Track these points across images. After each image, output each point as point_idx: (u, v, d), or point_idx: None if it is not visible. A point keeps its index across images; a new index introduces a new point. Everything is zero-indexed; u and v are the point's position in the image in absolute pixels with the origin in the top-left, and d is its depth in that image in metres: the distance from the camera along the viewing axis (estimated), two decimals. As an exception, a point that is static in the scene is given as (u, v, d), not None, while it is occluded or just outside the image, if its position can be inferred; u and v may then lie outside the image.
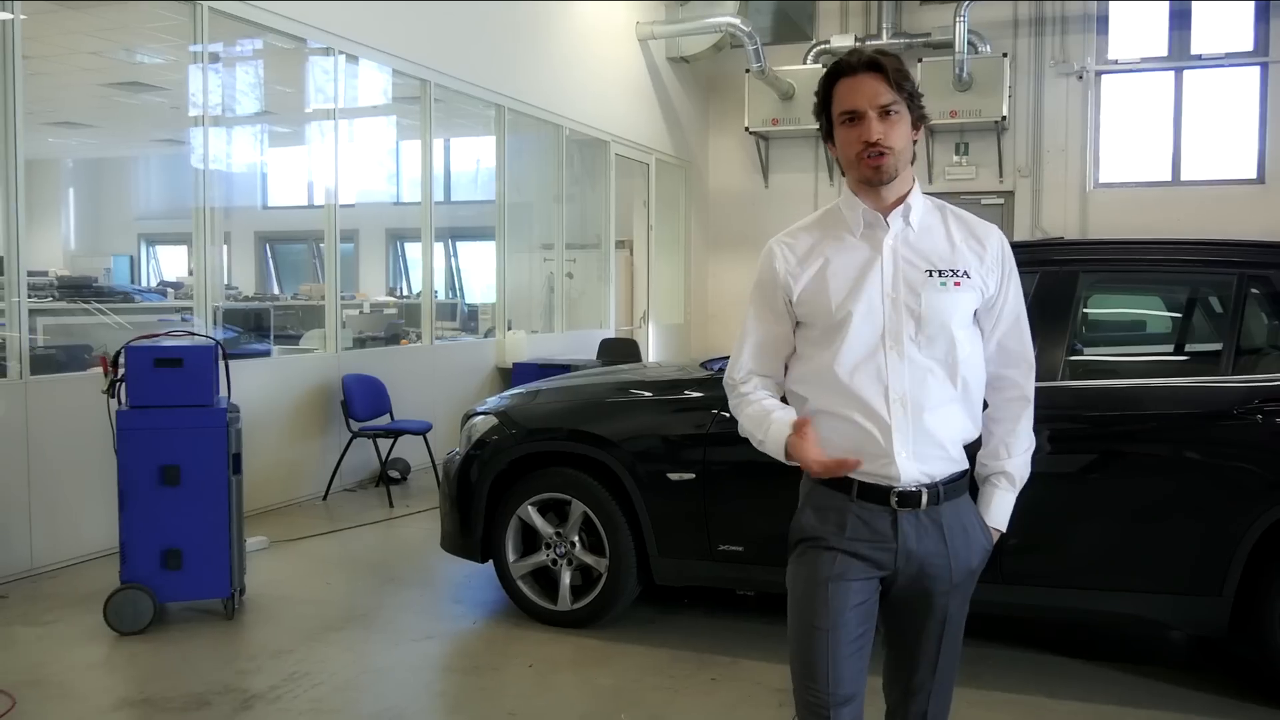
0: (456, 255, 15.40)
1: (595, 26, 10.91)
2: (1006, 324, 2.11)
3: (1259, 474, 3.47)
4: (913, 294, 2.01)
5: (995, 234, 2.11)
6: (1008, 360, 2.13)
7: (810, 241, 2.10)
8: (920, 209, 2.06)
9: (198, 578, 4.34)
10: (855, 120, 1.98)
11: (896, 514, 2.00)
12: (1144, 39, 12.35)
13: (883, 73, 1.96)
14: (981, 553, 2.09)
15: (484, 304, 10.37)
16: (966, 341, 2.04)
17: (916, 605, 2.06)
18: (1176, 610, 3.58)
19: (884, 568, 2.03)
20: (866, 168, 1.99)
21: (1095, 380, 3.90)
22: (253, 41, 7.77)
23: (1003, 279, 2.09)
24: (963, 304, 2.03)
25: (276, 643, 4.18)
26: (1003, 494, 2.14)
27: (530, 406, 4.64)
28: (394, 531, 6.19)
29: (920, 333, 2.00)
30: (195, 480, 4.29)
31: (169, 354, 4.32)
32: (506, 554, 4.40)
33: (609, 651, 4.06)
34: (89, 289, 10.23)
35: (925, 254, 2.04)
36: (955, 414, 2.04)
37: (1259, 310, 3.75)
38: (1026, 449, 2.16)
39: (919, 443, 2.00)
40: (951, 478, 2.04)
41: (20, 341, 5.09)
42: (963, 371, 2.03)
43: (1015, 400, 2.14)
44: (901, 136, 1.99)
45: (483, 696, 3.68)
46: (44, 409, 5.13)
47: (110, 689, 3.71)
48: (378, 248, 16.73)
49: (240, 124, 11.77)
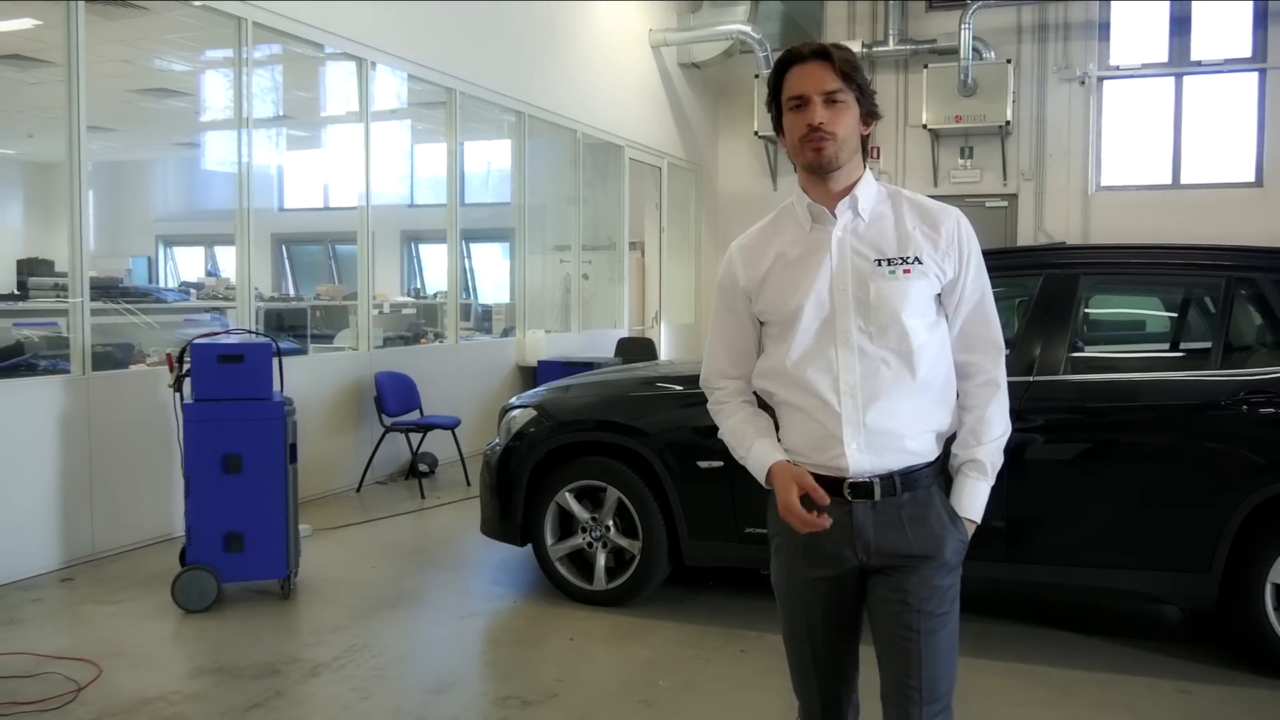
0: (470, 256, 15.71)
1: (609, 34, 11.23)
2: (968, 307, 2.09)
3: (1245, 460, 3.78)
4: (861, 284, 2.01)
5: (951, 217, 2.08)
6: (972, 345, 2.11)
7: (765, 241, 2.13)
8: (870, 198, 2.06)
9: (257, 560, 4.65)
10: (801, 106, 2.00)
11: (851, 505, 2.02)
12: (1145, 45, 12.59)
13: (829, 61, 1.99)
14: (955, 544, 2.05)
15: (497, 304, 10.67)
16: (922, 330, 2.02)
17: (893, 603, 2.04)
18: (1169, 585, 3.89)
19: (847, 561, 2.05)
20: (809, 151, 2.00)
21: (1095, 374, 4.21)
22: (272, 48, 8.05)
23: (961, 262, 2.06)
24: (914, 291, 2.01)
25: (333, 620, 4.49)
26: (974, 483, 2.08)
27: (566, 400, 4.95)
28: (428, 521, 6.50)
29: (870, 323, 2.00)
30: (255, 468, 4.61)
31: (231, 351, 4.64)
32: (545, 538, 4.72)
33: (643, 627, 4.37)
34: (116, 289, 10.55)
35: (874, 243, 2.04)
36: (911, 405, 2.02)
37: (1246, 310, 4.06)
38: (999, 435, 2.11)
39: (870, 434, 2.00)
40: (909, 469, 2.03)
41: (83, 340, 5.40)
42: (919, 361, 2.01)
43: (984, 386, 2.11)
44: (846, 124, 2.00)
45: (529, 666, 3.99)
46: (104, 403, 5.44)
47: (186, 659, 4.02)
48: (393, 249, 17.03)
49: (260, 128, 12.07)
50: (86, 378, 5.38)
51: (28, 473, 5.07)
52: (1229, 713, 3.55)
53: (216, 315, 10.41)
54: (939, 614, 2.02)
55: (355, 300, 7.86)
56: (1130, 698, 3.65)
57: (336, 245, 17.19)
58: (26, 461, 5.05)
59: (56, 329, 7.78)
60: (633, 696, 3.66)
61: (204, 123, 13.49)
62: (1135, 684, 3.77)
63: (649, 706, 3.58)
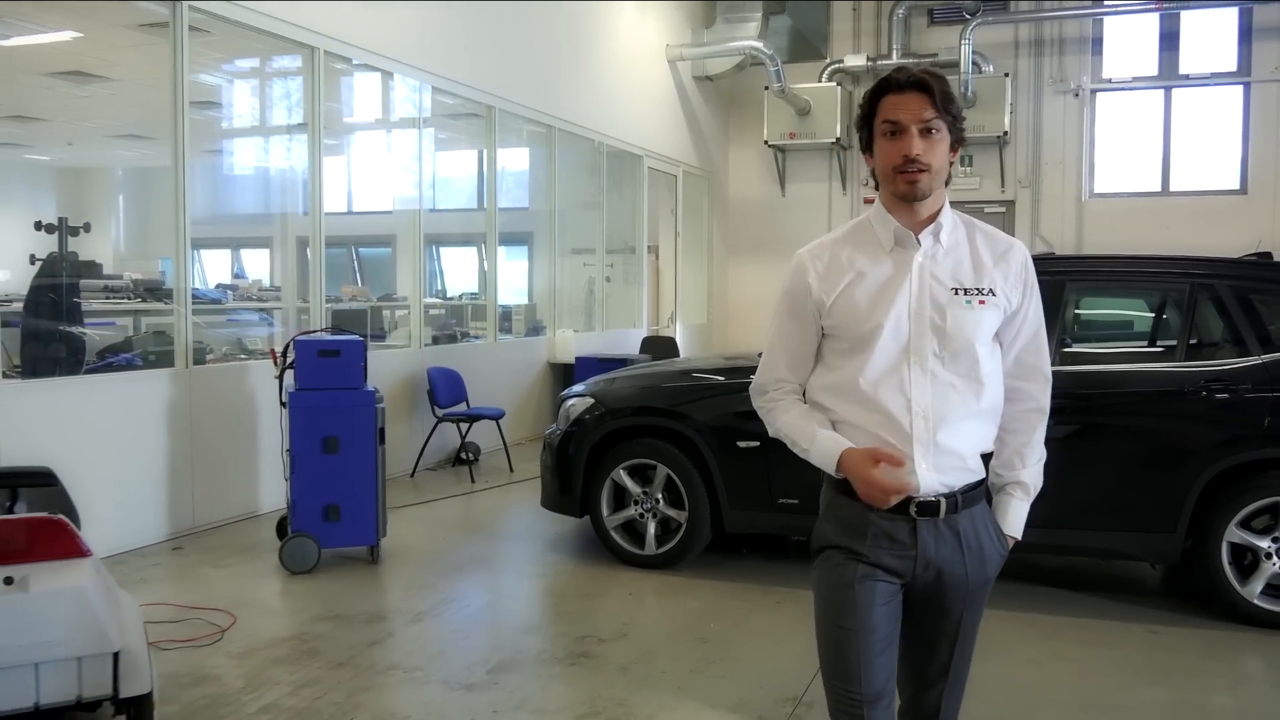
0: (487, 259, 16.37)
1: (630, 51, 11.92)
2: (1026, 338, 2.16)
3: (1204, 438, 4.48)
4: (938, 311, 2.06)
5: (1019, 250, 2.16)
6: (1025, 373, 2.18)
7: (841, 255, 2.14)
8: (949, 227, 2.11)
9: (351, 528, 5.33)
10: (897, 134, 2.02)
11: (916, 523, 2.07)
12: (1136, 59, 13.27)
13: (928, 93, 2.01)
14: (997, 561, 2.16)
15: (516, 305, 11.32)
16: (988, 358, 2.09)
17: (934, 610, 2.13)
18: (1142, 544, 4.60)
19: (904, 575, 2.09)
20: (903, 182, 2.03)
21: (1081, 366, 4.91)
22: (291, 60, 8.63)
23: (1025, 294, 2.13)
24: (986, 321, 2.08)
25: (421, 579, 5.18)
26: (1018, 503, 2.19)
27: (616, 391, 5.64)
28: (480, 501, 7.19)
29: (944, 349, 2.06)
30: (350, 449, 5.29)
31: (329, 346, 5.33)
32: (602, 510, 5.41)
33: (689, 584, 5.06)
34: (160, 290, 11.24)
35: (952, 272, 2.09)
36: (974, 427, 2.10)
37: (1208, 311, 4.75)
38: (1039, 459, 2.22)
39: (939, 454, 2.05)
40: (968, 487, 2.11)
41: (186, 338, 6.09)
42: (984, 387, 2.09)
43: (1031, 412, 2.19)
44: (940, 156, 2.04)
45: (597, 613, 4.68)
46: (202, 394, 6.13)
47: (304, 609, 4.70)
48: (414, 252, 17.65)
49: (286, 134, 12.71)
50: (189, 371, 6.07)
51: (141, 454, 5.75)
52: (1189, 646, 4.25)
53: (266, 316, 11.09)
54: (974, 624, 2.18)
55: (377, 301, 8.43)
56: (1106, 636, 4.35)
57: (359, 248, 17.82)
58: (139, 444, 5.73)
59: (114, 328, 8.46)
60: (689, 636, 4.36)
61: (225, 131, 14.04)
62: (1111, 626, 4.47)
63: (704, 643, 4.27)
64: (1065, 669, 4.01)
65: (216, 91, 12.12)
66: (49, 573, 2.90)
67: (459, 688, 3.78)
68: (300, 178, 13.14)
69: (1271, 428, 4.37)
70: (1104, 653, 4.18)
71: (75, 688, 2.88)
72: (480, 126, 9.54)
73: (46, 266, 6.04)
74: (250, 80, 11.19)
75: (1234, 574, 4.45)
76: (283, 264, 12.74)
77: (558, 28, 10.24)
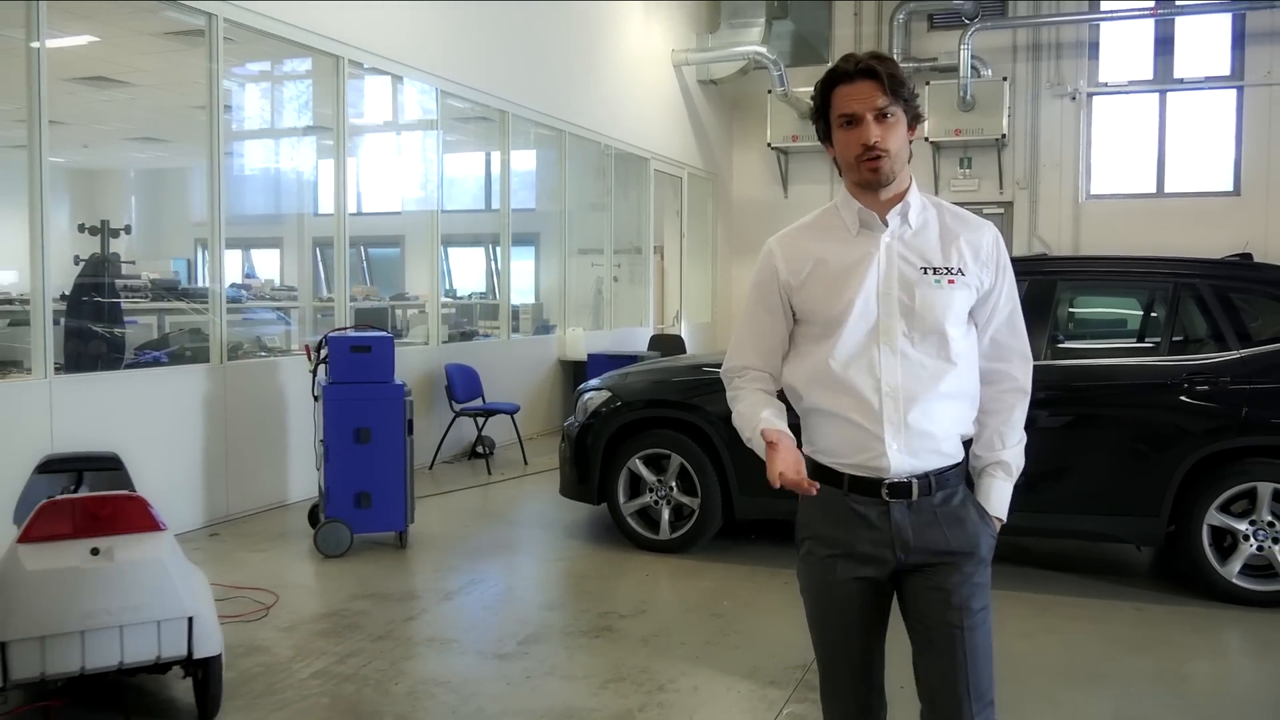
0: (497, 259, 16.66)
1: (637, 56, 12.22)
2: (1000, 318, 2.16)
3: (1185, 428, 4.78)
4: (907, 291, 2.06)
5: (989, 231, 2.15)
6: (1001, 353, 2.18)
7: (808, 240, 2.17)
8: (917, 207, 2.11)
9: (382, 514, 5.63)
10: (853, 124, 2.03)
11: (889, 505, 2.07)
12: (1131, 63, 13.54)
13: (877, 79, 2.01)
14: (987, 541, 2.14)
15: (523, 304, 11.60)
16: (960, 338, 2.09)
17: (934, 599, 2.11)
18: (1128, 527, 4.89)
19: (885, 561, 2.09)
20: (865, 170, 2.04)
21: (1071, 360, 5.20)
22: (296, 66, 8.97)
23: (997, 274, 2.13)
24: (956, 301, 2.08)
25: (449, 562, 5.48)
26: (1000, 483, 2.19)
27: (631, 385, 5.93)
28: (498, 492, 7.49)
29: (913, 329, 2.06)
30: (381, 439, 5.59)
31: (361, 342, 5.62)
32: (619, 497, 5.71)
33: (701, 567, 5.36)
34: (176, 290, 11.54)
35: (921, 251, 2.09)
36: (947, 408, 2.09)
37: (1190, 309, 5.04)
38: (1020, 440, 2.22)
39: (910, 435, 2.05)
40: (943, 470, 2.09)
41: (221, 336, 6.39)
42: (956, 367, 2.08)
43: (1010, 392, 2.20)
44: (898, 139, 2.04)
45: (616, 592, 4.98)
46: (235, 388, 6.42)
47: (341, 588, 5.00)
48: (424, 252, 17.93)
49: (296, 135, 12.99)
50: (223, 366, 6.37)
51: (179, 445, 6.04)
52: (1172, 621, 4.55)
53: (283, 315, 11.39)
54: (979, 610, 2.12)
55: (389, 300, 8.70)
56: (1095, 613, 4.65)
57: (369, 248, 18.08)
58: (178, 436, 6.03)
59: (136, 326, 8.74)
60: (704, 612, 4.65)
61: (252, 132, 14.33)
62: (1099, 604, 4.77)
63: (718, 618, 4.57)
64: (1055, 641, 4.30)
65: (238, 96, 12.42)
66: (130, 544, 3.21)
67: (492, 657, 4.08)
68: (313, 180, 13.44)
69: (1249, 418, 4.67)
70: (1092, 627, 4.48)
71: (155, 649, 3.18)
72: (491, 129, 9.84)
73: (89, 267, 6.33)
74: (268, 84, 11.49)
75: (1214, 555, 4.75)
76: (298, 264, 13.03)
77: (568, 34, 10.54)
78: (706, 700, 3.68)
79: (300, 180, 13.16)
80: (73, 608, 3.05)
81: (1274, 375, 4.72)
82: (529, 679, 3.85)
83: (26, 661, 3.02)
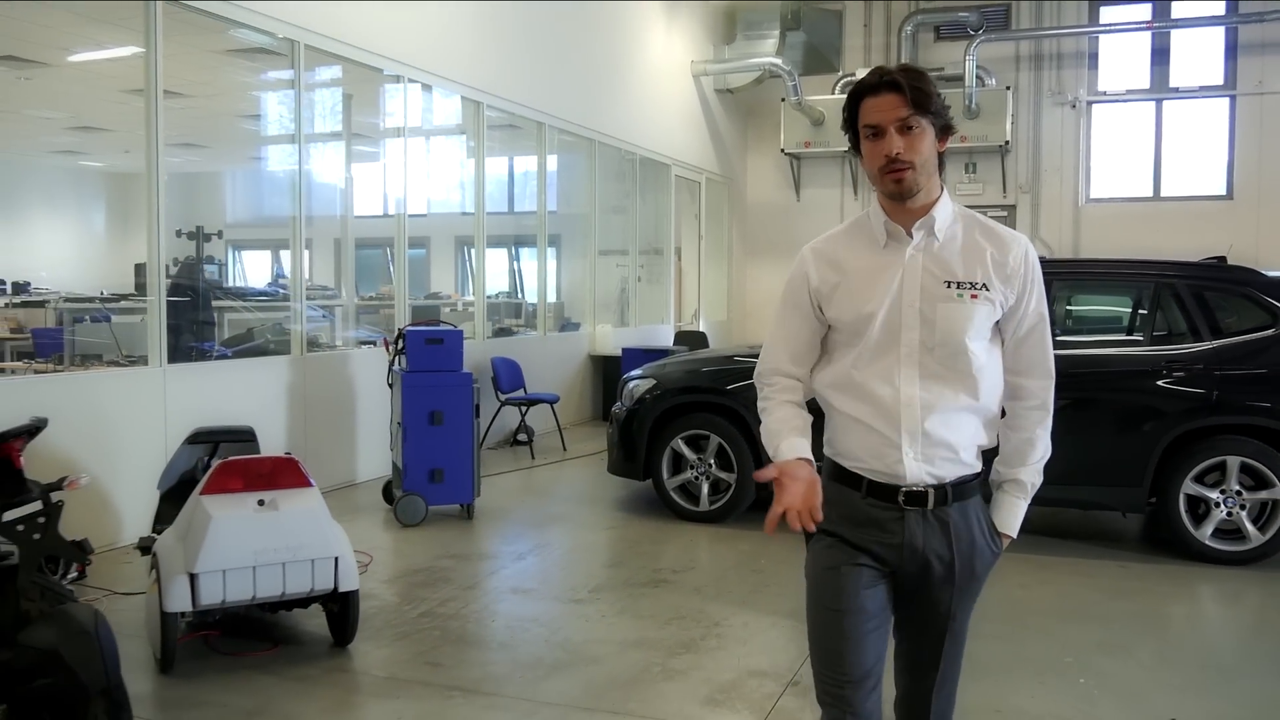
0: (519, 259, 17.37)
1: (659, 67, 12.92)
2: (1026, 333, 2.16)
3: (1164, 409, 5.47)
4: (929, 303, 2.09)
5: (1019, 245, 2.14)
6: (1026, 369, 2.19)
7: (840, 249, 2.20)
8: (945, 220, 2.12)
9: (452, 488, 6.33)
10: (877, 135, 2.06)
11: (904, 512, 2.11)
12: (1129, 73, 14.21)
13: (901, 91, 2.03)
14: (989, 558, 2.18)
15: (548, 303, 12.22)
16: (981, 353, 2.11)
17: (923, 602, 2.17)
18: (1114, 496, 5.59)
19: (890, 563, 2.14)
20: (889, 181, 2.06)
21: (1065, 351, 5.88)
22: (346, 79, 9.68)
23: (1024, 289, 2.13)
24: (978, 315, 2.09)
25: (513, 531, 6.19)
26: (1014, 500, 2.21)
27: (672, 374, 6.63)
28: (543, 474, 8.19)
29: (934, 341, 2.08)
30: (452, 421, 6.28)
31: (435, 335, 6.32)
32: (663, 473, 6.41)
33: (737, 534, 6.06)
34: (221, 290, 12.23)
35: (946, 265, 2.11)
36: (966, 420, 2.12)
37: (1169, 306, 5.72)
38: (1042, 457, 2.23)
39: (927, 444, 2.08)
40: (961, 480, 2.12)
41: (302, 330, 7.09)
42: (976, 381, 2.10)
43: (1034, 409, 2.20)
44: (924, 150, 2.05)
45: (666, 554, 5.67)
46: (312, 377, 7.13)
47: (425, 551, 5.69)
48: (447, 253, 18.64)
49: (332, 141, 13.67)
50: (303, 358, 7.08)
51: (268, 426, 6.69)
52: (1152, 575, 5.25)
53: (327, 313, 12.09)
54: (963, 620, 2.21)
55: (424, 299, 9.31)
56: (1085, 569, 5.36)
57: (392, 249, 18.74)
58: (267, 418, 6.71)
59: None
60: (745, 569, 5.35)
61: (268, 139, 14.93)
62: (1090, 562, 5.47)
63: (758, 573, 5.26)
64: (1049, 590, 5.00)
65: (308, 109, 13.10)
66: (288, 497, 3.91)
67: (569, 601, 4.79)
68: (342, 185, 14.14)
69: (1219, 400, 5.36)
70: (1082, 579, 5.17)
71: (309, 582, 3.89)
72: (519, 136, 10.53)
73: (184, 269, 7.05)
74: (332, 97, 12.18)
75: (1190, 520, 5.44)
76: (339, 264, 13.71)
77: (597, 50, 11.24)
78: (756, 633, 4.37)
79: (345, 184, 13.83)
80: (246, 547, 3.75)
81: (1242, 363, 5.43)
82: (604, 618, 4.55)
83: (211, 590, 3.72)
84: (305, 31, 7.03)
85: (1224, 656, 4.26)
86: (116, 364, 7.39)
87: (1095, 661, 4.05)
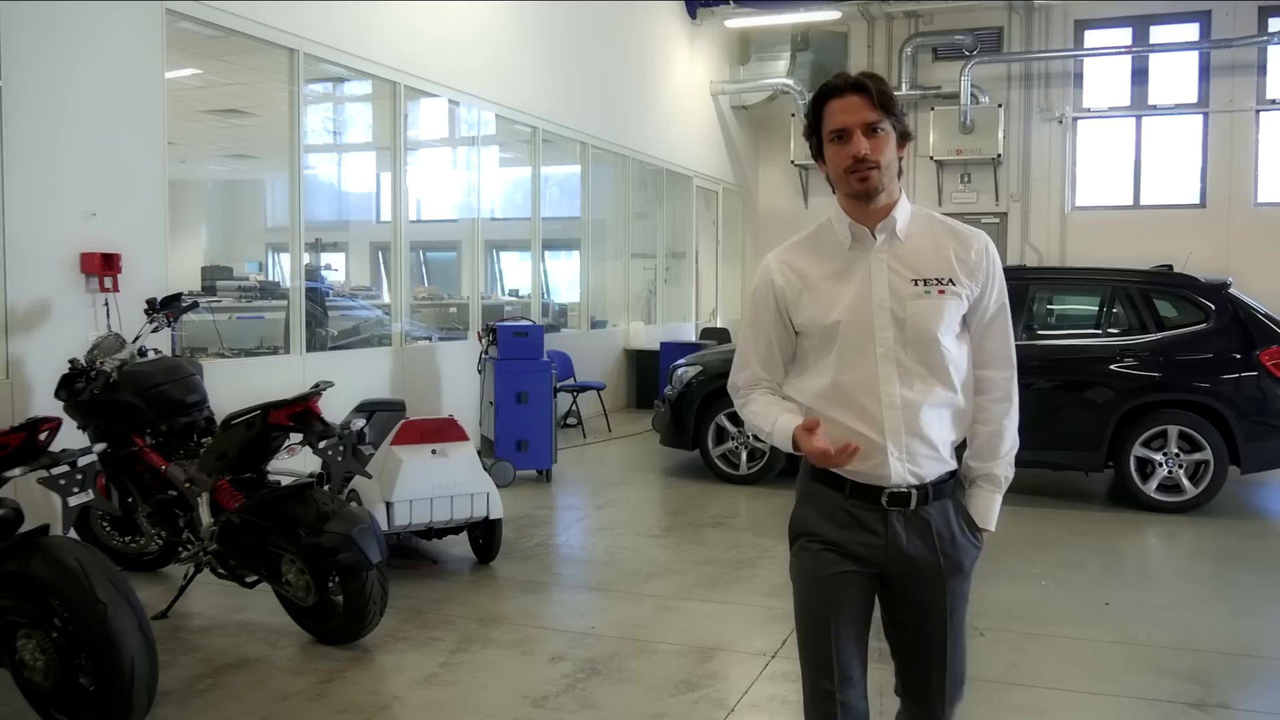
0: (545, 262, 18.62)
1: (682, 88, 14.23)
2: (988, 324, 2.19)
3: (1118, 388, 6.81)
4: (899, 302, 2.10)
5: (979, 240, 2.17)
6: (989, 361, 2.21)
7: (804, 255, 2.21)
8: (905, 220, 2.14)
9: (535, 456, 7.65)
10: (844, 138, 2.07)
11: (887, 513, 2.13)
12: (1111, 92, 15.35)
13: (867, 93, 2.05)
14: (972, 552, 2.21)
15: (571, 304, 13.45)
16: (953, 347, 2.13)
17: (917, 605, 2.19)
18: (1078, 458, 6.93)
19: (874, 564, 2.15)
20: (855, 181, 2.07)
21: (1039, 341, 7.23)
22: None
23: (986, 282, 2.16)
24: (948, 310, 2.11)
25: (586, 490, 7.52)
26: (989, 494, 2.24)
27: (717, 360, 7.94)
28: (597, 450, 9.50)
29: (907, 339, 2.09)
30: (535, 400, 7.59)
31: (521, 329, 7.64)
32: (709, 444, 7.73)
33: (772, 493, 7.37)
34: (277, 291, 13.47)
35: (911, 263, 2.12)
36: (944, 416, 2.15)
37: (1123, 305, 7.05)
38: (1011, 448, 2.24)
39: (910, 444, 2.10)
40: (941, 478, 2.16)
41: (402, 325, 8.41)
42: (951, 376, 2.13)
43: (999, 401, 2.22)
44: (888, 152, 2.07)
45: (715, 506, 6.99)
46: (410, 366, 8.44)
47: (521, 504, 6.97)
48: (478, 256, 19.81)
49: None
50: (403, 349, 8.40)
51: (374, 407, 8.05)
52: (1108, 519, 6.61)
53: (385, 313, 13.34)
54: (960, 619, 2.21)
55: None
56: (1052, 514, 6.71)
57: (427, 252, 19.98)
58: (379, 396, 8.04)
59: (263, 319, 10.69)
60: (782, 516, 6.57)
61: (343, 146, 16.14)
62: (1056, 511, 6.83)
63: (793, 518, 6.59)
64: (1021, 529, 6.32)
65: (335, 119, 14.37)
66: (453, 447, 5.24)
67: (648, 536, 6.12)
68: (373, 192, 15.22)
69: (1161, 381, 6.71)
70: (1050, 522, 6.52)
71: (470, 511, 5.21)
72: (562, 151, 11.86)
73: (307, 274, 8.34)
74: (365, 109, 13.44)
75: (1138, 478, 6.77)
76: (395, 266, 14.97)
77: (630, 75, 12.57)
78: (797, 556, 5.70)
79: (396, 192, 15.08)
80: (426, 483, 5.07)
81: (1181, 351, 6.77)
82: (678, 546, 5.88)
83: (401, 514, 5.03)
84: (407, 75, 8.35)
85: (1155, 570, 5.61)
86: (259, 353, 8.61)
87: (1054, 572, 5.39)
